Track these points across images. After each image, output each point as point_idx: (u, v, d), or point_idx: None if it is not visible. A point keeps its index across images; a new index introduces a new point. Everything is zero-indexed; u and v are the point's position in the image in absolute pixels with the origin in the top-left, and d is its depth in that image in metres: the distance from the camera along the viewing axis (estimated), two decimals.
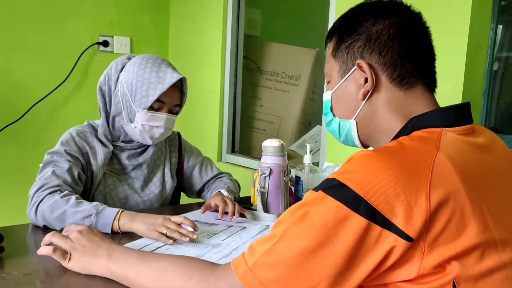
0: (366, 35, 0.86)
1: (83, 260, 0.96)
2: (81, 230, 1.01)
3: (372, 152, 0.73)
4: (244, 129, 2.86)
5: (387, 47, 0.84)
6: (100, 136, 1.46)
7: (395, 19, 0.85)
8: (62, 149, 1.38)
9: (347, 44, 0.88)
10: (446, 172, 0.71)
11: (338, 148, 2.13)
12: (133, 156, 1.49)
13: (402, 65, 0.84)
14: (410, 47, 0.85)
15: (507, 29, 1.90)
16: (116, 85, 1.45)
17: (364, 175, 0.70)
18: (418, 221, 0.67)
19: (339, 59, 0.90)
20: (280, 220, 0.77)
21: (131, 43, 2.86)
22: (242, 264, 0.76)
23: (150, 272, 0.87)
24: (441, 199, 0.68)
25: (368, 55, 0.85)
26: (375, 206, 0.68)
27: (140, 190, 1.49)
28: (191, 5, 2.89)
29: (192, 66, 2.89)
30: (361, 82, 0.86)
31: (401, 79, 0.84)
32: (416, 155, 0.73)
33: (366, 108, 0.87)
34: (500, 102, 1.91)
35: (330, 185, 0.72)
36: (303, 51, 2.66)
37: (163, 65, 1.42)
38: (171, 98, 1.43)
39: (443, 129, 0.79)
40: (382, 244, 0.68)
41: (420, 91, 0.85)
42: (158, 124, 1.42)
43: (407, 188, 0.68)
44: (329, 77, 0.94)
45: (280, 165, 1.47)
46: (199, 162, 1.65)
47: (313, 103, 2.68)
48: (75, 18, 2.67)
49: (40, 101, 2.57)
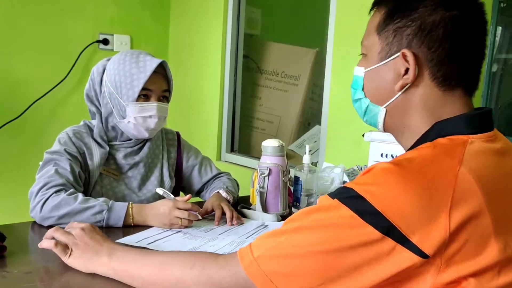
0: (419, 23, 0.78)
1: (84, 257, 0.96)
2: (84, 227, 1.02)
3: (393, 166, 0.71)
4: (243, 128, 2.86)
5: (438, 43, 0.78)
6: (96, 137, 1.46)
7: (455, 12, 0.78)
8: (62, 149, 1.38)
9: (396, 27, 0.81)
10: (469, 189, 0.68)
11: (337, 148, 2.14)
12: (130, 154, 1.49)
13: (448, 65, 0.79)
14: (462, 47, 0.79)
15: (506, 30, 1.90)
16: (101, 87, 1.46)
17: (384, 189, 0.69)
18: (436, 239, 0.66)
19: (383, 39, 0.83)
20: (292, 218, 0.77)
21: (131, 41, 2.86)
22: (248, 254, 0.76)
23: (152, 265, 0.88)
24: (463, 219, 0.67)
25: (417, 46, 0.79)
26: (392, 221, 0.66)
27: (138, 189, 1.50)
28: (191, 4, 2.89)
29: (192, 64, 2.89)
30: (401, 71, 0.80)
31: (443, 79, 0.79)
32: (438, 171, 0.70)
33: (399, 99, 0.83)
34: (499, 103, 1.92)
35: (347, 195, 0.71)
36: (303, 51, 2.67)
37: (141, 55, 1.44)
38: (157, 84, 1.44)
39: (469, 136, 0.76)
40: (394, 257, 0.67)
41: (459, 94, 0.81)
42: (150, 113, 1.42)
43: (427, 206, 0.67)
44: (365, 51, 0.88)
45: (279, 165, 1.48)
46: (198, 162, 1.65)
47: (312, 103, 2.68)
48: (76, 16, 2.67)
49: (40, 98, 2.57)
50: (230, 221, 1.38)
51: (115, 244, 0.99)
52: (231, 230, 1.34)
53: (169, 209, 1.29)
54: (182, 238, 1.23)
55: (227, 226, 1.36)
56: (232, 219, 1.38)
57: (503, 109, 1.93)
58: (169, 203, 1.30)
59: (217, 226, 1.36)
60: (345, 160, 1.90)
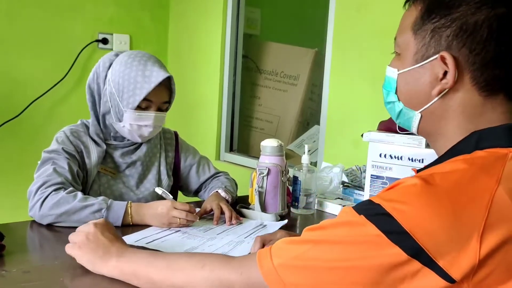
0: (461, 24, 0.72)
1: (93, 255, 0.94)
2: (97, 223, 1.00)
3: (424, 184, 0.66)
4: (242, 128, 2.86)
5: (482, 45, 0.71)
6: (93, 135, 1.46)
7: (501, 9, 0.71)
8: (60, 148, 1.38)
9: (434, 27, 0.74)
10: (505, 212, 0.64)
11: (336, 148, 2.14)
12: (127, 153, 1.49)
13: (493, 69, 0.72)
14: (508, 50, 0.72)
15: None
16: (104, 83, 1.45)
17: (414, 209, 0.65)
18: (465, 264, 0.63)
19: (420, 38, 0.76)
20: (315, 228, 0.74)
21: (130, 40, 2.86)
22: (267, 260, 0.74)
23: (161, 266, 0.86)
24: (495, 244, 0.63)
25: (457, 48, 0.72)
26: (421, 243, 0.63)
27: (135, 187, 1.50)
28: (191, 3, 2.89)
29: (191, 64, 2.89)
30: (439, 75, 0.74)
31: (486, 84, 0.73)
32: (474, 191, 0.65)
33: (437, 105, 0.77)
34: None
35: (374, 212, 0.67)
36: (302, 51, 2.67)
37: (149, 62, 1.41)
38: (159, 96, 1.43)
39: (510, 150, 0.70)
40: (419, 280, 0.64)
41: (501, 99, 0.75)
42: (146, 123, 1.42)
43: (459, 229, 0.63)
44: (399, 50, 0.81)
45: (278, 165, 1.48)
46: (196, 162, 1.65)
47: (311, 103, 2.69)
48: (75, 15, 2.67)
49: (39, 98, 2.57)
50: (229, 221, 1.38)
51: (126, 245, 0.97)
52: (229, 229, 1.34)
53: (167, 209, 1.29)
54: (180, 237, 1.24)
55: (226, 226, 1.36)
56: (231, 218, 1.38)
57: None
58: (167, 203, 1.30)
59: (216, 225, 1.36)
60: (344, 160, 1.91)
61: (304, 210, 1.56)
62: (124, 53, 1.46)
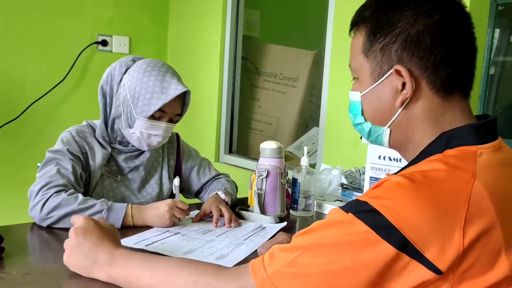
0: (404, 36, 0.77)
1: (83, 263, 0.94)
2: (77, 228, 0.96)
3: (407, 181, 0.70)
4: (241, 130, 2.87)
5: (428, 50, 0.76)
6: (98, 137, 1.46)
7: (436, 16, 0.76)
8: (65, 148, 1.38)
9: (382, 45, 0.79)
10: (483, 204, 0.68)
11: (335, 150, 2.14)
12: (130, 158, 1.49)
13: (445, 70, 0.77)
14: (454, 49, 0.77)
15: (504, 33, 1.91)
16: (118, 88, 1.44)
17: (400, 204, 0.68)
18: (450, 255, 0.66)
19: (372, 59, 0.81)
20: (305, 232, 0.75)
21: (130, 42, 2.87)
22: (261, 270, 0.75)
23: (153, 276, 0.86)
24: (476, 234, 0.66)
25: (407, 59, 0.77)
26: (408, 237, 0.66)
27: (137, 191, 1.50)
28: (190, 5, 2.89)
29: (190, 66, 2.90)
30: (398, 87, 0.79)
31: (442, 86, 0.78)
32: (453, 185, 0.69)
33: (402, 116, 0.81)
34: (497, 106, 1.93)
35: (361, 209, 0.70)
36: (302, 53, 2.67)
37: (168, 74, 1.42)
38: (173, 108, 1.43)
39: (478, 147, 0.75)
40: (408, 273, 0.67)
41: (457, 98, 0.80)
42: (157, 132, 1.42)
43: (442, 221, 0.66)
44: (356, 74, 0.86)
45: (277, 167, 1.48)
46: (197, 164, 1.66)
47: (310, 105, 2.69)
48: (74, 17, 2.67)
49: (38, 99, 2.57)
50: (228, 223, 1.38)
51: (113, 247, 0.95)
52: (229, 232, 1.34)
53: (169, 207, 1.31)
54: (180, 239, 1.24)
55: (225, 228, 1.37)
56: (230, 221, 1.38)
57: (501, 112, 1.94)
58: (169, 202, 1.32)
59: (215, 228, 1.36)
60: (343, 162, 1.91)
61: (303, 212, 1.56)
62: (142, 60, 1.46)
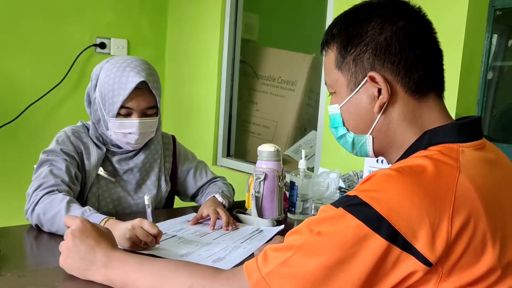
0: (374, 45, 0.81)
1: (80, 266, 0.93)
2: (74, 230, 0.95)
3: (395, 173, 0.71)
4: (239, 133, 2.86)
5: (399, 55, 0.80)
6: (93, 138, 1.45)
7: (401, 22, 0.81)
8: (58, 148, 1.37)
9: (354, 56, 0.83)
10: (468, 195, 0.70)
11: (333, 154, 2.14)
12: (124, 160, 1.48)
13: (416, 71, 0.81)
14: (422, 51, 0.81)
15: (502, 38, 1.91)
16: (94, 91, 1.43)
17: (388, 195, 0.69)
18: (439, 246, 0.66)
19: (346, 71, 0.85)
20: (297, 231, 0.75)
21: (128, 45, 2.87)
22: (255, 272, 0.75)
23: (149, 280, 0.85)
24: (463, 224, 0.67)
25: (380, 65, 0.81)
26: (398, 228, 0.66)
27: (133, 192, 1.49)
28: (189, 9, 2.90)
29: (189, 69, 2.90)
30: (374, 94, 0.82)
31: (416, 87, 0.81)
32: (439, 177, 0.71)
33: (381, 121, 0.84)
34: (494, 111, 1.93)
35: (351, 203, 0.70)
36: (300, 56, 2.67)
37: (127, 68, 1.36)
38: (138, 102, 1.37)
39: (460, 145, 0.77)
40: (400, 267, 0.67)
41: (433, 98, 0.83)
42: (130, 130, 1.39)
43: (431, 211, 0.67)
44: (333, 89, 0.89)
45: (275, 170, 1.48)
46: (193, 167, 1.65)
47: (308, 109, 2.69)
48: (73, 20, 2.67)
49: (36, 101, 2.57)
50: (225, 226, 1.37)
51: (109, 249, 0.94)
52: (226, 235, 1.33)
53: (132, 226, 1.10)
54: (177, 242, 1.23)
55: (222, 231, 1.36)
56: (228, 224, 1.37)
57: (499, 116, 1.94)
58: (134, 222, 1.11)
59: (212, 231, 1.35)
60: (341, 165, 1.91)
61: (300, 215, 1.56)
62: (111, 60, 1.42)
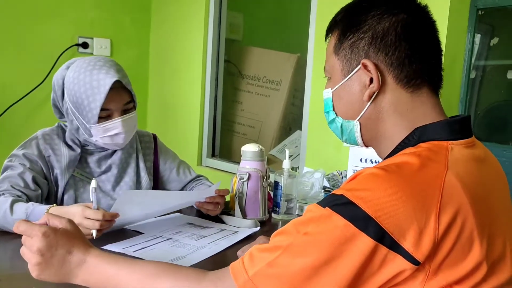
0: (371, 33, 0.82)
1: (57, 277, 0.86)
2: (46, 232, 0.84)
3: (382, 171, 0.71)
4: (224, 133, 2.85)
5: (394, 46, 0.80)
6: (67, 140, 1.43)
7: (401, 15, 0.81)
8: (20, 153, 1.37)
9: (351, 42, 0.84)
10: (455, 192, 0.70)
11: (318, 154, 2.14)
12: (104, 158, 1.47)
13: (409, 65, 0.81)
14: (417, 46, 0.81)
15: (485, 38, 1.93)
16: (63, 103, 1.41)
17: (375, 194, 0.68)
18: (427, 244, 0.66)
19: (342, 57, 0.86)
20: (284, 231, 0.75)
21: (111, 45, 2.83)
22: (242, 273, 0.74)
23: (131, 284, 0.82)
24: (450, 221, 0.67)
25: (374, 54, 0.82)
26: (385, 227, 0.66)
27: (112, 191, 1.47)
28: (173, 8, 2.87)
29: (173, 69, 2.88)
30: (366, 82, 0.82)
31: (408, 80, 0.81)
32: (427, 175, 0.71)
33: (371, 109, 0.84)
34: (478, 110, 1.94)
35: (338, 202, 0.70)
36: (285, 56, 2.67)
37: (94, 70, 1.34)
38: (116, 101, 1.36)
39: (449, 142, 0.77)
40: (388, 266, 0.67)
41: (426, 93, 0.83)
42: (116, 131, 1.38)
43: (418, 210, 0.67)
44: (329, 74, 0.90)
45: (258, 170, 1.46)
46: (176, 165, 1.64)
47: (293, 108, 2.68)
48: (55, 18, 2.63)
49: (17, 102, 2.52)
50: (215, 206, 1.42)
51: (83, 253, 0.86)
52: (223, 238, 1.29)
53: (77, 219, 1.10)
54: (170, 246, 1.20)
55: (221, 234, 1.33)
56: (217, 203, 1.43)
57: (482, 115, 1.95)
58: (78, 211, 1.12)
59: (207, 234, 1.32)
60: (325, 165, 1.90)
61: (285, 215, 1.55)
62: (71, 67, 1.39)
